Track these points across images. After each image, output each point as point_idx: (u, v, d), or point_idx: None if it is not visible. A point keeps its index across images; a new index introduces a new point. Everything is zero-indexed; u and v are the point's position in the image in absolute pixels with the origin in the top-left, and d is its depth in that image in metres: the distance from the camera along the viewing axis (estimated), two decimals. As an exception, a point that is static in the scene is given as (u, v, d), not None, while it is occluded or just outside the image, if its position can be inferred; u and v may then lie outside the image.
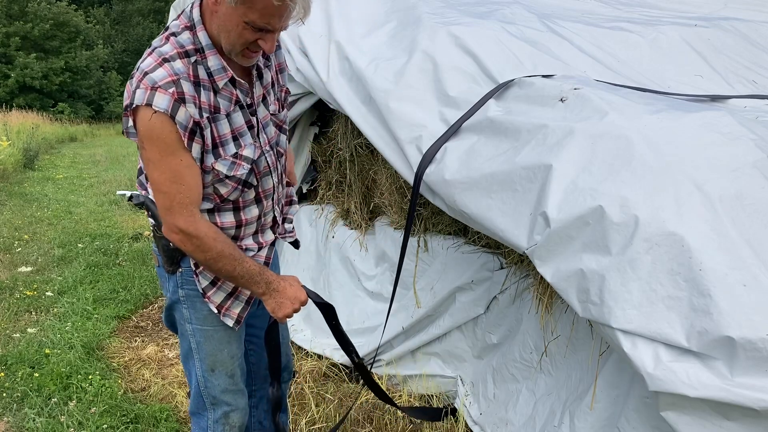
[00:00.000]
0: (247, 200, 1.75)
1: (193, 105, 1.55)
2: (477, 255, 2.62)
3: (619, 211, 1.66)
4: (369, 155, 3.27)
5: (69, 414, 2.99)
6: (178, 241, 1.64)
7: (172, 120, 1.52)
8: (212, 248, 1.63)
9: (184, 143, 1.55)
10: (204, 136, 1.59)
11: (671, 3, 3.90)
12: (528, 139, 1.95)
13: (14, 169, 11.25)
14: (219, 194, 1.69)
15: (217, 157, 1.64)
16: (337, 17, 3.00)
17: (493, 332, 2.56)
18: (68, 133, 20.37)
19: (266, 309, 1.79)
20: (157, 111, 1.50)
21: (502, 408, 2.41)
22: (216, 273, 1.71)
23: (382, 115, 2.45)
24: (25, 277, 5.19)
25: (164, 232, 1.66)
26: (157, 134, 1.53)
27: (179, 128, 1.53)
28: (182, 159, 1.57)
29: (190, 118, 1.54)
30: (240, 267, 1.67)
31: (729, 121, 1.84)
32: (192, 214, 1.61)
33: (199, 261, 1.68)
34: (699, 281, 1.53)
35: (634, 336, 1.59)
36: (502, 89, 2.21)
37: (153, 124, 1.52)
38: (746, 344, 1.45)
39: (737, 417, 1.49)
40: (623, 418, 1.85)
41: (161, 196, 1.61)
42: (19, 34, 25.19)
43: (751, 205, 1.64)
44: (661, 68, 2.70)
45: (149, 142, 1.55)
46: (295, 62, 2.97)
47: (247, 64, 1.64)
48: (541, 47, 2.58)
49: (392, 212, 3.14)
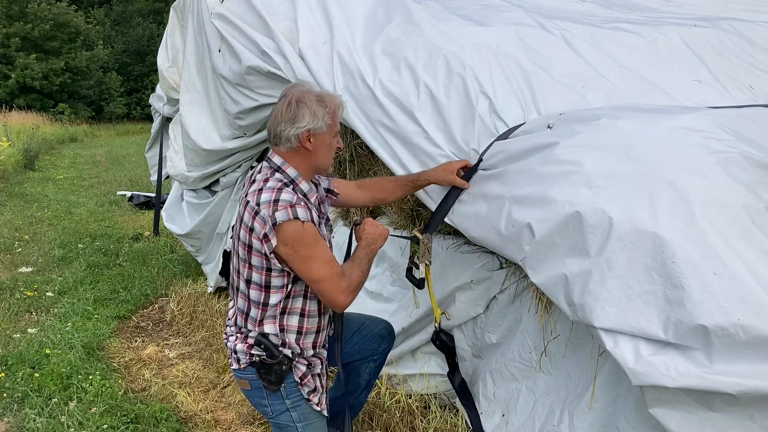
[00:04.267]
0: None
1: (313, 211, 2.03)
2: (476, 255, 2.62)
3: (595, 214, 1.75)
4: (369, 155, 3.27)
5: (69, 414, 3.00)
6: (350, 300, 2.08)
7: (312, 223, 1.99)
8: (358, 276, 2.10)
9: (321, 235, 2.04)
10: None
11: (671, 6, 3.91)
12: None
13: (14, 169, 11.26)
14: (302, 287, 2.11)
15: None
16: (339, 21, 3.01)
17: (493, 332, 2.56)
18: (68, 134, 20.36)
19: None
20: (304, 220, 1.95)
21: (502, 407, 2.42)
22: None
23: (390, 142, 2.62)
24: (25, 277, 5.19)
25: (340, 304, 2.07)
26: (307, 235, 1.97)
27: (316, 226, 2.01)
28: (323, 244, 2.04)
29: (317, 220, 2.04)
30: (364, 266, 2.14)
31: (704, 122, 1.92)
32: (344, 275, 2.05)
33: (359, 291, 2.14)
34: (672, 274, 1.59)
35: (615, 333, 1.65)
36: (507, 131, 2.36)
37: (304, 229, 1.95)
38: (719, 331, 1.48)
39: (720, 407, 1.52)
40: (622, 418, 1.86)
41: (325, 284, 2.02)
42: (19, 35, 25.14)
43: (721, 199, 1.69)
44: (660, 73, 2.73)
45: (302, 245, 1.97)
46: (294, 71, 2.98)
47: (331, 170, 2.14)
48: (544, 61, 2.65)
49: (392, 212, 3.14)
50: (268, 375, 2.10)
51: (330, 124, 2.04)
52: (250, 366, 2.11)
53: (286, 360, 2.08)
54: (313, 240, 1.98)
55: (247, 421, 3.00)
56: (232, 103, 3.51)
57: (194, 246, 4.72)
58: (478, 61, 2.57)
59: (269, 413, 2.19)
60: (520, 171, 2.10)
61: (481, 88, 2.48)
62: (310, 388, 2.16)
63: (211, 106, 3.94)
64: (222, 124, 3.82)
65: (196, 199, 4.57)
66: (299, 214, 1.94)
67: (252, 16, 3.37)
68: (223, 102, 3.67)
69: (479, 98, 2.46)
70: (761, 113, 2.23)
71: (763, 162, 1.78)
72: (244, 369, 2.13)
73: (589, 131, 2.01)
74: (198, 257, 4.79)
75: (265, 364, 2.08)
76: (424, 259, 2.32)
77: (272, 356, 2.07)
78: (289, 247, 1.96)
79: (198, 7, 3.91)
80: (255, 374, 2.11)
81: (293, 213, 1.94)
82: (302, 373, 2.13)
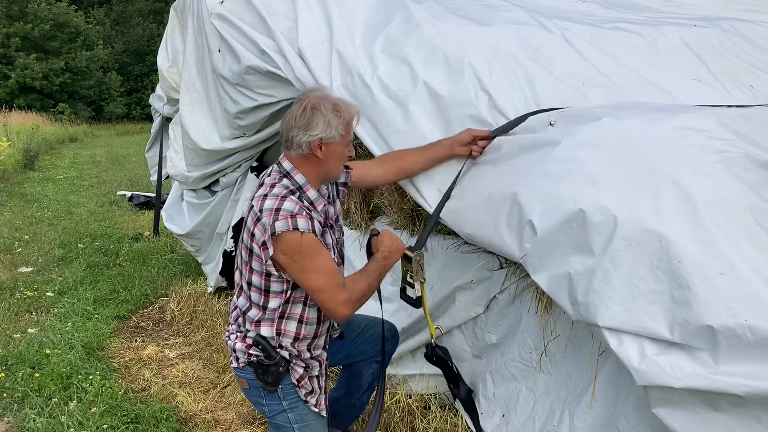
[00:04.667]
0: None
1: (316, 222, 2.01)
2: (476, 255, 2.62)
3: (599, 212, 1.74)
4: (369, 155, 3.27)
5: (69, 414, 3.00)
6: (350, 311, 2.06)
7: (313, 233, 1.97)
8: (362, 289, 2.09)
9: (322, 246, 2.02)
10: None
11: (671, 6, 3.91)
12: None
13: (14, 169, 11.26)
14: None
15: None
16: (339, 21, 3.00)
17: (493, 332, 2.56)
18: (68, 134, 20.36)
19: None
20: (304, 231, 1.94)
21: (502, 407, 2.42)
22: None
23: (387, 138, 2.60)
24: (25, 277, 5.19)
25: (340, 315, 2.05)
26: (306, 246, 1.96)
27: (318, 236, 1.99)
28: (324, 255, 2.02)
29: (319, 230, 2.01)
30: (372, 280, 2.14)
31: (707, 121, 1.91)
32: (345, 287, 2.04)
33: (362, 304, 2.15)
34: (678, 273, 1.57)
35: (620, 332, 1.64)
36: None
37: (302, 240, 1.94)
38: (726, 332, 1.47)
39: (725, 407, 1.51)
40: (623, 418, 1.86)
41: (323, 295, 2.01)
42: (19, 35, 25.13)
43: (725, 199, 1.68)
44: (660, 73, 2.72)
45: (300, 255, 1.96)
46: (294, 70, 2.98)
47: (339, 178, 2.21)
48: (544, 60, 2.64)
49: (392, 212, 3.14)
50: (265, 375, 2.10)
51: (343, 135, 2.03)
52: (248, 365, 2.12)
53: (283, 362, 2.09)
54: (312, 251, 1.97)
55: (247, 421, 3.00)
56: (232, 103, 3.51)
57: (194, 246, 4.72)
58: (478, 59, 2.56)
59: (267, 413, 2.20)
60: (522, 168, 2.08)
61: (482, 85, 2.46)
62: (307, 390, 2.16)
63: (210, 106, 3.94)
64: (222, 124, 3.82)
65: (196, 199, 4.56)
66: (299, 225, 1.94)
67: (252, 16, 3.37)
68: (222, 102, 3.67)
69: (479, 95, 2.44)
70: (762, 113, 2.23)
71: (766, 162, 1.77)
72: (242, 368, 2.14)
73: (591, 130, 2.00)
74: (198, 257, 4.79)
75: (263, 365, 2.09)
76: (418, 277, 2.28)
77: (269, 357, 2.08)
78: (288, 256, 1.96)
79: (198, 7, 3.91)
80: (253, 374, 2.12)
81: (293, 224, 1.93)
82: (299, 375, 2.14)
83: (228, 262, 4.25)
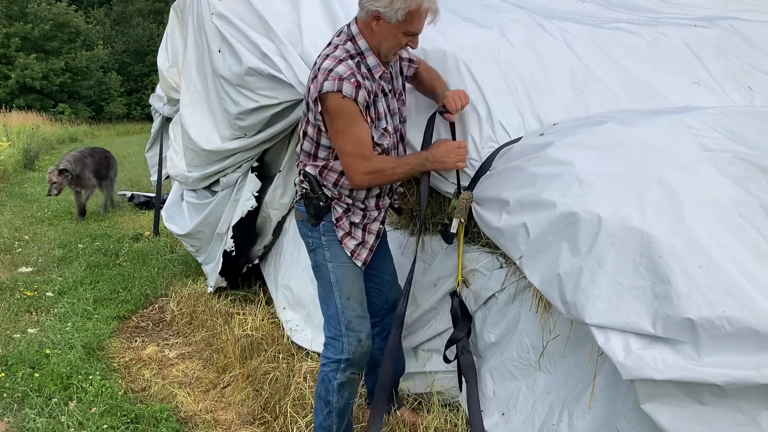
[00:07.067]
0: None
1: (364, 90, 2.15)
2: (476, 254, 2.62)
3: (584, 212, 1.78)
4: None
5: (69, 414, 3.00)
6: (367, 182, 2.26)
7: (355, 101, 2.13)
8: (386, 168, 2.27)
9: (363, 116, 2.18)
10: (369, 112, 2.21)
11: (671, 6, 3.91)
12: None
13: (14, 169, 11.26)
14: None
15: (372, 129, 2.25)
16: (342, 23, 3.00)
17: (492, 331, 2.56)
18: (68, 134, 20.34)
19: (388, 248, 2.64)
20: (346, 96, 2.10)
21: (501, 406, 2.42)
22: (396, 181, 2.44)
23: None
24: (25, 277, 5.19)
25: (355, 183, 2.26)
26: (345, 111, 2.14)
27: (360, 106, 2.14)
28: (361, 126, 2.18)
29: (364, 99, 2.15)
30: (403, 167, 2.30)
31: (695, 120, 1.95)
32: (369, 160, 2.22)
33: (385, 183, 2.37)
34: (659, 268, 1.60)
35: (606, 329, 1.67)
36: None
37: (343, 104, 2.12)
38: (705, 324, 1.50)
39: (710, 399, 1.53)
40: (622, 417, 1.86)
41: (347, 158, 2.21)
42: (19, 35, 25.14)
43: (710, 194, 1.71)
44: (659, 75, 2.74)
45: (338, 117, 2.15)
46: (296, 73, 2.98)
47: (394, 60, 2.30)
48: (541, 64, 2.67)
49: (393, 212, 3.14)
50: (308, 208, 2.35)
51: (401, 21, 2.11)
52: (301, 198, 2.38)
53: (323, 197, 2.32)
54: (350, 118, 2.14)
55: (247, 421, 3.00)
56: (232, 103, 3.51)
57: (194, 246, 4.72)
58: (477, 63, 2.59)
59: (309, 244, 2.42)
60: (516, 170, 2.13)
61: (480, 90, 2.50)
62: (344, 231, 2.35)
63: (211, 107, 3.94)
64: (222, 125, 3.82)
65: (196, 199, 4.56)
66: (344, 89, 2.10)
67: (252, 17, 3.38)
68: (223, 103, 3.67)
69: (477, 101, 2.48)
70: (751, 112, 2.27)
71: (752, 159, 1.81)
72: (298, 201, 2.42)
73: (582, 132, 2.05)
74: (198, 257, 4.79)
75: (308, 197, 2.35)
76: (460, 216, 2.40)
77: (313, 191, 2.32)
78: (330, 116, 2.17)
79: (198, 7, 3.91)
80: (303, 206, 2.38)
81: (338, 86, 2.10)
82: (338, 215, 2.35)
83: (228, 262, 4.25)
